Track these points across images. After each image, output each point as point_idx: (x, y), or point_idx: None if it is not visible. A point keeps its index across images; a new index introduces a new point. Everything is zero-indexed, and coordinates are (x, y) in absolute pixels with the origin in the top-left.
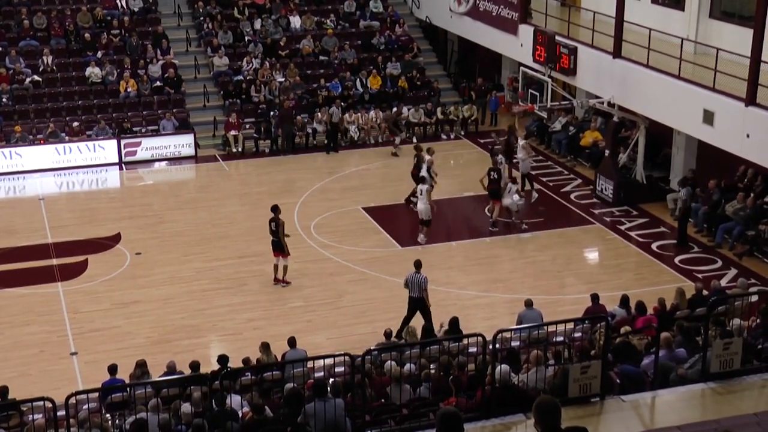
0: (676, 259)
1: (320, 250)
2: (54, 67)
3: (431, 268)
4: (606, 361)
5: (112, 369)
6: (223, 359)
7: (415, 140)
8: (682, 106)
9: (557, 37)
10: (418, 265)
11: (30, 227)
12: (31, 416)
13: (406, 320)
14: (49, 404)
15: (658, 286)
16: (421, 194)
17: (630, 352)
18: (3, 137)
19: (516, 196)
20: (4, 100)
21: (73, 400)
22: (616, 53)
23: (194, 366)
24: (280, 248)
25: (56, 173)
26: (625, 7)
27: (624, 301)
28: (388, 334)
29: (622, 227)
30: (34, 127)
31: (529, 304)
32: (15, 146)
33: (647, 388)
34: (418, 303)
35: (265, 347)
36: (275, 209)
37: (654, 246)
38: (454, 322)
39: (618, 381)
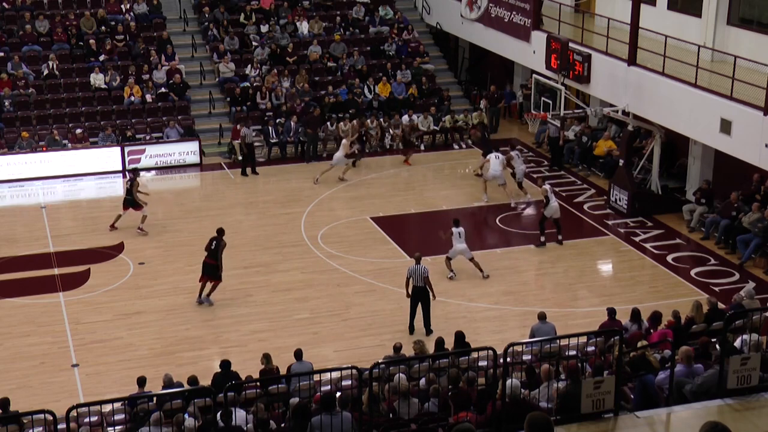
0: (692, 272)
1: (327, 260)
2: (57, 73)
3: (440, 279)
4: (620, 376)
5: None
6: (225, 364)
7: (423, 148)
8: (699, 114)
9: (571, 44)
10: (418, 258)
11: (31, 236)
12: (31, 429)
13: (412, 314)
14: (49, 417)
15: (673, 299)
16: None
17: (645, 367)
18: (5, 144)
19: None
20: (6, 105)
21: (74, 413)
22: (631, 60)
23: (192, 381)
24: (212, 272)
25: (58, 181)
26: (641, 13)
27: (635, 315)
28: (397, 348)
29: (637, 239)
30: (36, 134)
31: (542, 317)
32: (17, 153)
33: (662, 404)
34: (421, 293)
35: (266, 357)
36: (220, 231)
37: (669, 258)
38: (460, 336)
39: (632, 397)
